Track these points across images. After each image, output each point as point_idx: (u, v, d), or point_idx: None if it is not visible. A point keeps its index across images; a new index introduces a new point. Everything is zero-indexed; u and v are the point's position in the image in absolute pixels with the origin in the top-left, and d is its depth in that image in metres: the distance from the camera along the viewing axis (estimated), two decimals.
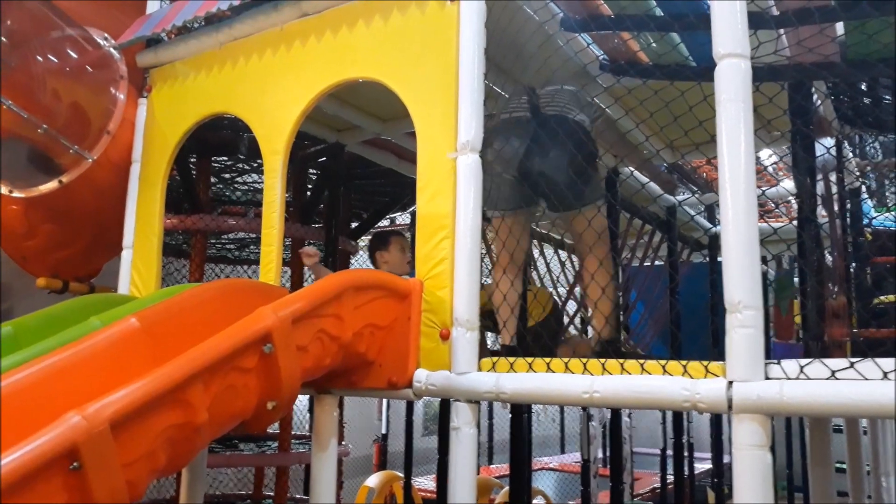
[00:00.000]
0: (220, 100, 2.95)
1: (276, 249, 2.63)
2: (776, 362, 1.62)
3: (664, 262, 4.39)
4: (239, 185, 4.62)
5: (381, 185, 4.73)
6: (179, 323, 1.89)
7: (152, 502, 4.24)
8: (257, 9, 2.80)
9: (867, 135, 3.43)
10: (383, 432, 7.48)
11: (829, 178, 2.91)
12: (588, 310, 4.83)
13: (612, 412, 4.19)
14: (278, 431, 4.10)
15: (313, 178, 4.43)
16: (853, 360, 1.53)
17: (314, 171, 4.40)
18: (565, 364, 1.90)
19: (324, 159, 4.23)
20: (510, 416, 3.09)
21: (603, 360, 1.85)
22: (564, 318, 4.21)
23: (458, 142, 2.21)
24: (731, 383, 1.63)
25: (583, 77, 2.79)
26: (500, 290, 2.55)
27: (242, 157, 4.04)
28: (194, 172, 3.93)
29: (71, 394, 1.54)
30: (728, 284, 1.67)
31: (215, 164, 4.18)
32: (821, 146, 2.51)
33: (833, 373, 1.54)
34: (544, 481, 7.32)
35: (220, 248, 5.02)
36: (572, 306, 4.70)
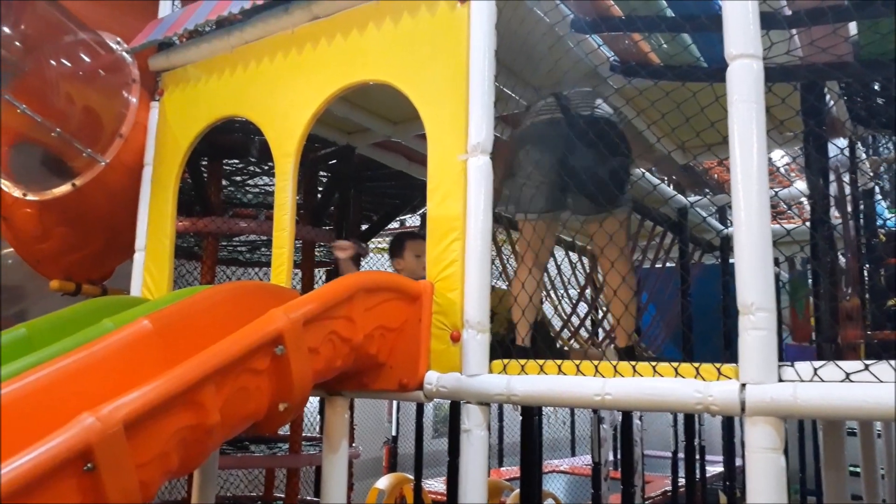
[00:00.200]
0: (232, 103, 2.96)
1: (288, 251, 2.64)
2: (790, 365, 1.61)
3: (675, 264, 4.37)
4: (250, 188, 4.64)
5: (390, 188, 4.74)
6: (191, 325, 1.89)
7: (164, 503, 4.26)
8: (268, 12, 2.81)
9: (881, 135, 3.40)
10: (393, 434, 7.48)
11: (842, 178, 2.88)
12: (598, 312, 4.83)
13: (623, 415, 4.18)
14: (289, 433, 4.11)
15: (323, 180, 4.44)
16: (868, 362, 1.52)
17: (324, 174, 4.42)
18: (577, 366, 1.89)
19: (334, 162, 4.24)
20: (521, 418, 3.08)
21: (615, 362, 1.84)
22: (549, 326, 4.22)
23: (469, 144, 2.21)
24: (743, 386, 1.62)
25: (593, 78, 2.79)
26: (523, 291, 2.55)
27: (253, 160, 4.06)
28: (206, 175, 3.95)
29: (84, 395, 1.55)
30: (741, 286, 1.66)
31: (226, 167, 4.20)
32: (834, 147, 2.49)
33: (847, 375, 1.53)
34: (555, 484, 7.30)
35: (232, 250, 5.04)
36: (564, 309, 4.70)
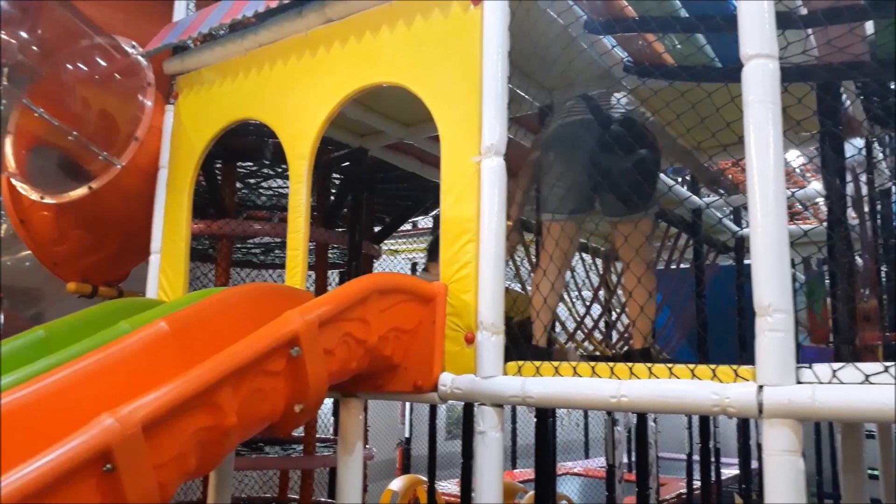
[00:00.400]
0: (246, 106, 2.98)
1: (302, 253, 2.65)
2: (808, 366, 1.60)
3: (690, 265, 4.35)
4: (264, 191, 4.66)
5: (403, 189, 4.75)
6: (207, 326, 1.90)
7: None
8: (282, 15, 2.82)
9: None
10: (406, 436, 7.49)
11: (859, 179, 2.86)
12: (611, 313, 4.81)
13: (637, 417, 4.17)
14: (303, 435, 4.12)
15: (336, 182, 4.46)
16: (888, 363, 1.51)
17: (337, 176, 4.43)
18: (592, 368, 1.89)
19: (347, 164, 4.25)
20: (535, 420, 3.07)
21: (630, 364, 1.83)
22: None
23: (483, 145, 2.21)
24: (761, 387, 1.61)
25: (607, 80, 2.78)
26: (541, 292, 2.55)
27: (267, 163, 4.08)
28: (220, 178, 3.98)
29: (102, 397, 1.56)
30: (757, 287, 1.65)
31: (240, 170, 4.23)
32: (851, 147, 2.47)
33: (867, 377, 1.51)
34: (568, 486, 7.29)
35: (246, 252, 5.07)
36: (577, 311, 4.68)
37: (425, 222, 6.92)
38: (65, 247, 3.50)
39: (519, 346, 2.26)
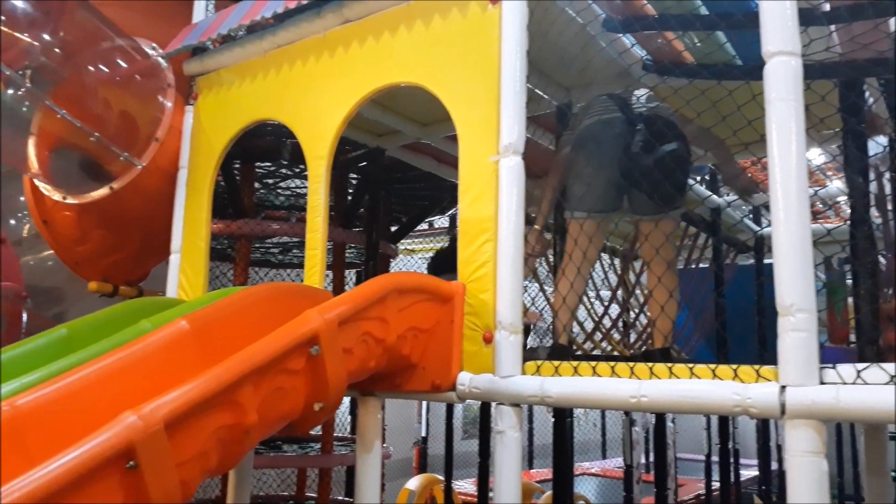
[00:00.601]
0: (265, 106, 3.00)
1: (321, 253, 2.66)
2: (831, 367, 1.58)
3: (709, 265, 4.32)
4: (282, 191, 4.69)
5: (420, 189, 4.76)
6: (228, 325, 1.91)
7: (198, 502, 4.32)
8: (300, 16, 2.83)
9: None
10: (423, 435, 7.50)
11: (882, 177, 2.82)
12: (629, 313, 4.79)
13: (656, 417, 4.14)
14: (321, 433, 4.14)
15: (353, 182, 4.47)
16: None
17: (354, 176, 4.44)
18: (612, 368, 1.88)
19: (364, 164, 4.26)
20: (553, 420, 3.06)
21: (650, 363, 1.82)
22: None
23: (501, 144, 2.21)
24: (783, 388, 1.60)
25: (625, 78, 2.77)
26: (561, 291, 2.55)
27: (285, 163, 4.10)
28: (238, 178, 4.00)
29: (124, 394, 1.58)
30: (780, 287, 1.63)
31: (258, 170, 4.25)
32: (874, 145, 2.44)
33: (892, 377, 1.49)
34: (585, 486, 7.26)
35: (265, 252, 5.10)
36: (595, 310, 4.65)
37: (441, 222, 6.94)
38: (86, 247, 3.54)
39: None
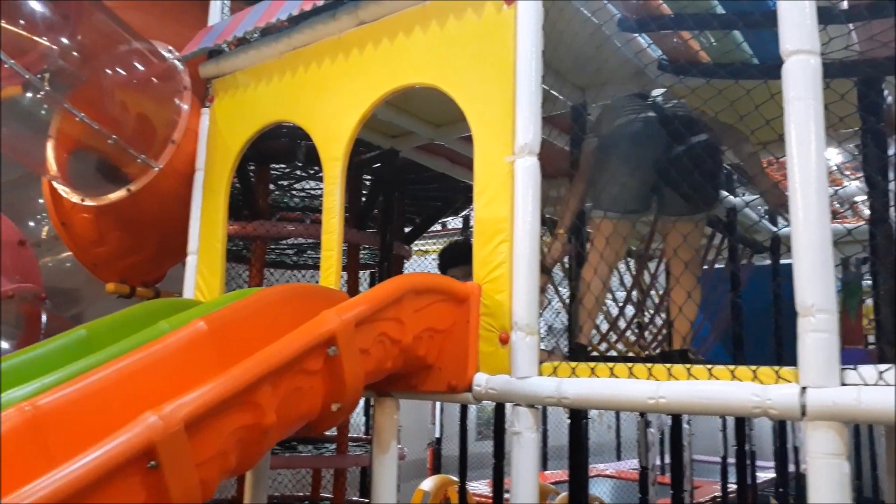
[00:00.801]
0: (280, 108, 3.01)
1: (336, 254, 2.67)
2: (853, 368, 1.57)
3: (725, 265, 4.29)
4: (296, 192, 4.70)
5: (433, 190, 4.77)
6: (245, 326, 1.92)
7: (215, 502, 4.34)
8: (315, 18, 2.84)
9: None
10: (437, 436, 7.50)
11: None
12: (644, 314, 4.76)
13: (672, 419, 4.12)
14: (335, 434, 4.15)
15: (367, 183, 4.48)
16: None
17: (368, 178, 4.46)
18: (629, 369, 1.87)
19: (378, 165, 4.27)
20: (568, 421, 3.06)
21: (669, 364, 1.81)
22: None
23: (516, 145, 2.20)
24: (804, 389, 1.58)
25: (641, 78, 2.76)
26: (593, 290, 2.55)
27: (300, 165, 4.11)
28: (253, 180, 4.02)
29: (143, 395, 1.59)
30: (800, 288, 1.62)
31: (273, 172, 4.27)
32: (893, 144, 2.41)
33: None
34: (600, 488, 7.23)
35: (280, 253, 5.12)
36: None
37: (455, 223, 6.94)
38: (104, 248, 3.58)
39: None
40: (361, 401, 4.15)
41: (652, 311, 4.65)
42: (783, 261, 4.73)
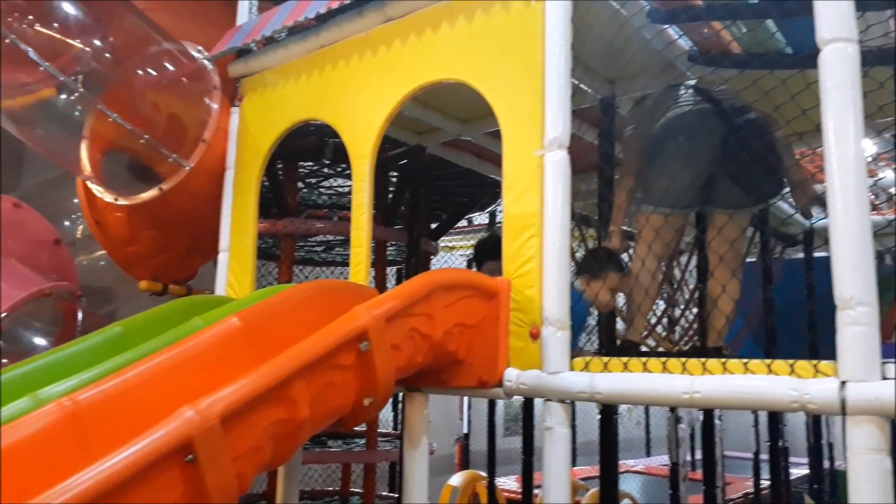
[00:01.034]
0: (309, 106, 3.02)
1: (365, 250, 2.68)
2: (893, 361, 1.54)
3: (756, 259, 4.22)
4: (324, 190, 4.73)
5: (459, 186, 4.76)
6: (277, 322, 1.94)
7: (246, 497, 4.39)
8: (343, 16, 2.85)
9: None
10: (465, 432, 7.50)
11: None
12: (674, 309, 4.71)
13: (704, 414, 4.07)
14: (365, 429, 4.18)
15: (394, 180, 4.49)
16: None
17: (395, 174, 4.47)
18: (663, 364, 1.85)
19: (404, 162, 4.28)
20: (598, 417, 3.04)
21: (703, 359, 1.79)
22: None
23: (546, 139, 2.19)
24: (843, 383, 1.55)
25: (670, 69, 2.72)
26: (643, 284, 2.53)
27: (327, 163, 4.13)
28: (282, 178, 4.05)
29: (179, 390, 1.61)
30: (838, 280, 1.59)
31: (301, 170, 4.30)
32: None
33: None
34: (629, 484, 7.18)
35: (309, 250, 5.16)
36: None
37: (481, 219, 6.92)
38: (137, 247, 3.63)
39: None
40: None
41: (683, 307, 4.60)
42: (816, 254, 4.65)
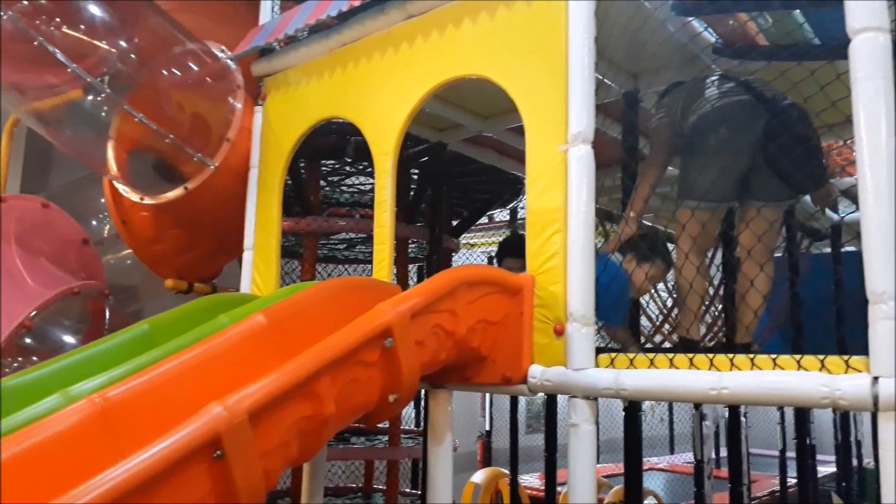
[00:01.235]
0: (332, 104, 3.03)
1: (388, 248, 2.69)
2: None
3: (782, 254, 4.17)
4: (346, 188, 4.75)
5: (480, 183, 4.75)
6: (302, 319, 1.95)
7: (270, 493, 4.42)
8: (364, 13, 2.85)
9: None
10: (487, 429, 7.50)
11: None
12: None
13: (730, 411, 4.03)
14: (388, 426, 4.19)
15: (415, 177, 4.49)
16: None
17: (416, 171, 4.47)
18: (690, 360, 1.83)
19: (426, 159, 4.28)
20: (623, 413, 3.02)
21: (731, 355, 1.77)
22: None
23: (570, 133, 2.17)
24: (876, 379, 1.53)
25: (695, 63, 2.69)
26: (686, 277, 2.52)
27: (349, 160, 4.15)
28: (304, 176, 4.07)
29: (207, 386, 1.62)
30: (870, 274, 1.56)
31: (323, 168, 4.32)
32: None
33: None
34: (653, 482, 7.13)
35: (331, 248, 5.18)
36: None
37: (502, 216, 6.91)
38: (162, 245, 3.67)
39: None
40: None
41: (707, 302, 4.55)
42: (844, 249, 4.58)
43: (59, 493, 1.25)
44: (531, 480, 6.61)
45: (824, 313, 4.16)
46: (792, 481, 5.51)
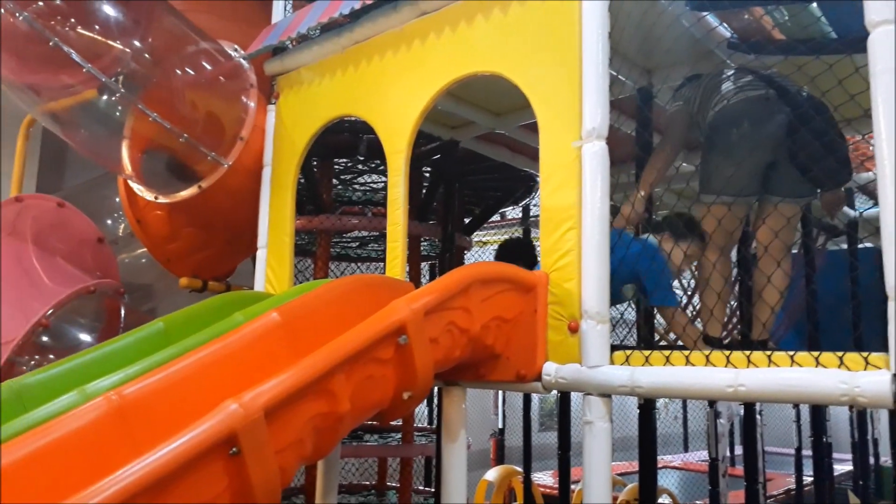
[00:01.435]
0: (344, 103, 3.03)
1: (401, 245, 2.68)
2: None
3: (798, 250, 4.13)
4: (358, 187, 4.76)
5: (493, 180, 4.74)
6: (316, 316, 1.95)
7: (284, 490, 4.44)
8: (377, 11, 2.85)
9: None
10: (500, 427, 7.49)
11: None
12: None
13: (745, 408, 4.00)
14: (401, 424, 4.20)
15: (427, 175, 4.49)
16: None
17: (428, 169, 4.47)
18: (706, 357, 1.82)
19: (438, 156, 4.28)
20: (637, 411, 3.00)
21: (747, 352, 1.76)
22: None
23: (584, 129, 2.16)
24: (895, 376, 1.51)
25: (710, 58, 2.67)
26: (718, 278, 2.51)
27: (362, 159, 4.15)
28: (317, 175, 4.08)
29: (222, 384, 1.63)
30: (889, 270, 1.54)
31: (335, 167, 4.32)
32: None
33: None
34: (667, 480, 7.11)
35: (344, 246, 5.19)
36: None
37: (514, 213, 6.89)
38: (177, 244, 3.69)
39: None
40: None
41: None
42: (861, 245, 4.53)
43: (75, 490, 1.25)
44: (544, 478, 6.61)
45: (841, 310, 4.12)
46: (808, 480, 5.47)
